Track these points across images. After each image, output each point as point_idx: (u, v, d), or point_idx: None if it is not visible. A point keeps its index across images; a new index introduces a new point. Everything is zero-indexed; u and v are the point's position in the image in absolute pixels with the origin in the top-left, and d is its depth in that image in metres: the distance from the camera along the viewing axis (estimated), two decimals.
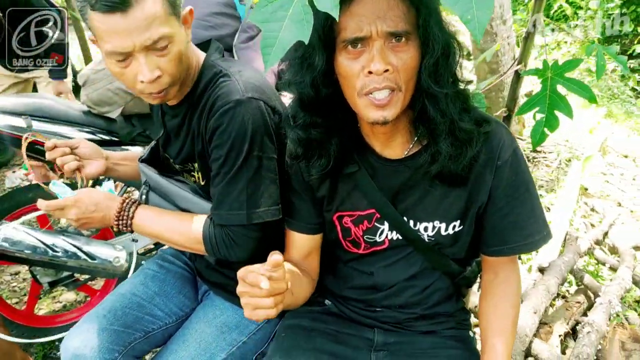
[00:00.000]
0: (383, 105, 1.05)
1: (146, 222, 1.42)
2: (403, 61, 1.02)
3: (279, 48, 0.84)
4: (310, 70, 1.09)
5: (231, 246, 1.35)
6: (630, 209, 4.02)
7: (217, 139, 1.28)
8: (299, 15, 0.82)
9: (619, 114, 6.96)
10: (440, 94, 1.05)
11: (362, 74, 1.03)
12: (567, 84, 1.37)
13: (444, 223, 1.25)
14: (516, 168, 1.20)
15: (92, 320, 1.45)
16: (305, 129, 1.19)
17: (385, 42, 1.01)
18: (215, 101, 1.29)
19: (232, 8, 2.20)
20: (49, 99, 2.40)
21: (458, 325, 1.42)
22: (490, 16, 0.78)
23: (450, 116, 1.08)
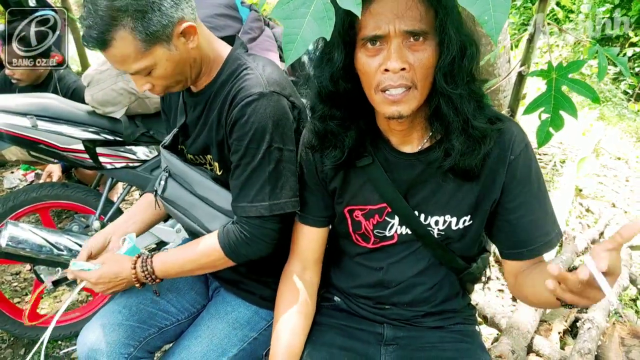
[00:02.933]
0: (398, 101, 1.08)
1: (167, 265, 1.44)
2: (419, 60, 1.05)
3: (300, 44, 0.87)
4: (330, 65, 1.13)
5: (251, 241, 1.35)
6: (624, 209, 4.08)
7: (238, 130, 1.31)
8: (321, 12, 0.85)
9: (612, 117, 7.03)
10: (454, 94, 1.08)
11: (379, 71, 1.07)
12: (572, 84, 1.40)
13: (455, 217, 1.28)
14: (529, 163, 1.21)
15: (108, 316, 1.47)
16: (323, 121, 1.23)
17: (403, 40, 1.04)
18: (237, 93, 1.32)
19: (234, 10, 2.22)
20: (53, 98, 2.41)
21: (464, 321, 1.45)
22: (507, 17, 0.81)
23: (465, 115, 1.10)
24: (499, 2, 0.79)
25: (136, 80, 1.33)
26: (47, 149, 2.32)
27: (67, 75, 3.39)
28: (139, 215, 1.68)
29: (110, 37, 1.19)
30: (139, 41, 1.21)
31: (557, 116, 1.40)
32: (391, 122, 1.20)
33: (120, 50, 1.22)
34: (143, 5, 1.19)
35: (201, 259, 1.42)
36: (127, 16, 1.18)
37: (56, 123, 2.32)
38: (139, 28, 1.20)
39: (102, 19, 1.17)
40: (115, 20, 1.18)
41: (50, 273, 2.41)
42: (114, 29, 1.19)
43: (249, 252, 1.37)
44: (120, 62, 1.26)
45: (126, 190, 2.67)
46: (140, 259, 1.45)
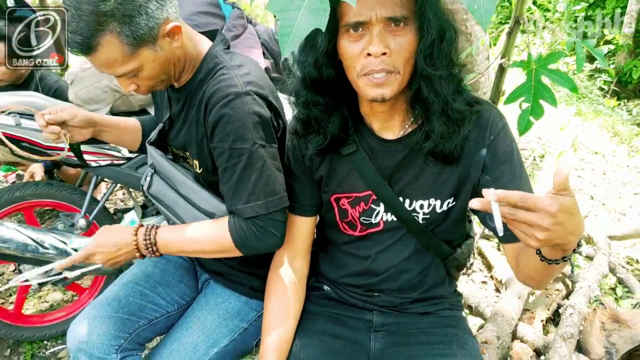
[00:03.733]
0: (381, 83, 1.12)
1: (170, 241, 1.41)
2: (400, 44, 1.09)
3: (296, 36, 0.89)
4: (314, 50, 1.17)
5: (262, 235, 1.34)
6: (602, 202, 4.17)
7: (219, 132, 1.30)
8: (315, 3, 0.87)
9: (588, 112, 7.16)
10: (434, 76, 1.12)
11: (361, 56, 1.11)
12: (551, 75, 1.44)
13: (439, 200, 1.31)
14: (509, 142, 1.24)
15: (98, 308, 1.47)
16: (307, 107, 1.27)
17: (384, 26, 1.08)
18: (212, 94, 1.32)
19: (217, 7, 2.24)
20: (37, 97, 2.39)
21: (451, 307, 1.49)
22: (495, 6, 0.84)
23: (444, 97, 1.14)
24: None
25: (122, 81, 1.32)
26: (31, 147, 2.30)
27: (48, 75, 3.36)
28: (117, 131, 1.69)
29: (96, 42, 1.18)
30: (126, 45, 1.21)
31: (537, 105, 1.44)
32: (374, 105, 1.24)
33: (106, 55, 1.21)
34: (130, 9, 1.18)
35: (210, 244, 1.40)
36: (114, 21, 1.17)
37: None
38: (126, 32, 1.19)
39: (87, 24, 1.16)
40: (101, 25, 1.16)
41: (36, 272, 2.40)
42: (100, 34, 1.17)
43: (259, 246, 1.36)
44: (106, 66, 1.25)
45: (111, 188, 2.66)
46: (144, 227, 1.42)
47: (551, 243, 0.88)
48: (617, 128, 6.60)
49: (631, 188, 4.61)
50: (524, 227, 0.85)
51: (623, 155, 5.64)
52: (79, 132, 1.56)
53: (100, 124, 1.61)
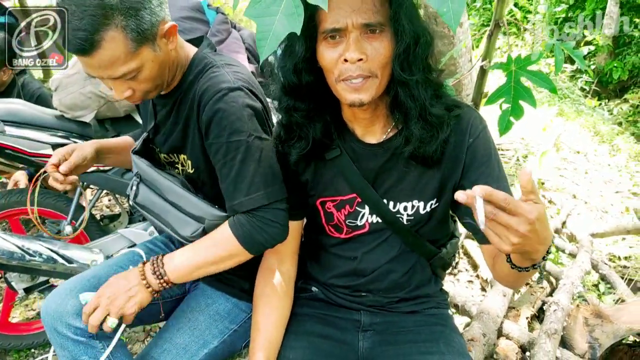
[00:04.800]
0: (358, 88, 1.14)
1: (181, 264, 1.36)
2: (377, 50, 1.12)
3: (273, 40, 0.92)
4: (292, 57, 1.19)
5: (265, 226, 1.32)
6: (585, 200, 4.24)
7: (214, 128, 1.31)
8: (291, 9, 0.90)
9: (570, 113, 7.27)
10: (410, 81, 1.15)
11: (339, 62, 1.13)
12: (530, 76, 1.48)
13: (422, 202, 1.34)
14: (488, 145, 1.27)
15: (74, 283, 1.46)
16: (288, 113, 1.29)
17: (361, 33, 1.10)
18: (205, 91, 1.33)
19: (201, 13, 2.25)
20: (20, 104, 2.39)
21: (438, 305, 1.51)
22: (463, 8, 0.87)
23: (422, 101, 1.17)
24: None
25: (117, 86, 1.29)
26: (15, 154, 2.29)
27: (31, 81, 3.35)
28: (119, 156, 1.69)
29: (100, 37, 1.16)
30: (130, 41, 1.20)
31: (517, 106, 1.47)
32: (355, 111, 1.26)
33: (109, 52, 1.19)
34: (135, 2, 1.18)
35: (217, 251, 1.36)
36: (120, 14, 1.16)
37: (24, 128, 2.30)
38: (132, 26, 1.19)
39: (92, 19, 1.14)
40: (107, 18, 1.15)
41: (22, 280, 2.39)
42: (105, 28, 1.16)
43: (263, 239, 1.33)
44: (106, 66, 1.22)
45: (97, 195, 2.66)
46: (148, 262, 1.38)
47: (522, 250, 0.89)
48: (598, 128, 6.71)
49: (612, 186, 4.70)
50: (501, 229, 0.87)
51: (604, 154, 5.74)
52: (84, 167, 1.54)
53: (102, 151, 1.61)
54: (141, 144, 1.55)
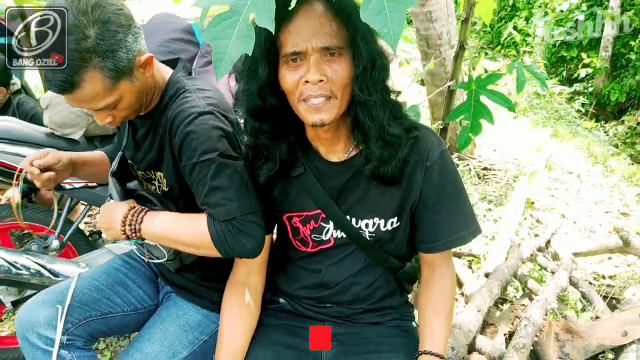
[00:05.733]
0: (319, 109, 1.20)
1: (154, 226, 1.42)
2: (336, 72, 1.18)
3: (228, 61, 0.99)
4: (256, 80, 1.25)
5: (238, 234, 1.34)
6: (573, 220, 4.27)
7: (186, 150, 1.36)
8: (243, 32, 0.98)
9: (565, 134, 7.33)
10: (368, 101, 1.20)
11: (300, 83, 1.19)
12: (489, 94, 1.54)
13: (383, 219, 1.39)
14: (444, 168, 1.34)
15: (48, 294, 1.52)
16: (254, 135, 1.35)
17: (321, 55, 1.17)
18: (176, 116, 1.39)
19: (191, 34, 2.32)
20: (12, 121, 2.47)
21: (402, 317, 1.55)
22: (402, 29, 0.94)
23: (380, 121, 1.23)
24: (395, 17, 0.92)
25: (99, 115, 1.36)
26: (5, 170, 2.36)
27: (26, 101, 3.45)
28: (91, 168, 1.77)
29: (80, 78, 1.22)
30: (108, 79, 1.26)
31: (476, 123, 1.53)
32: (318, 131, 1.31)
33: (89, 90, 1.25)
34: (111, 44, 1.24)
35: (189, 237, 1.40)
36: (97, 56, 1.22)
37: (15, 145, 2.37)
38: (109, 66, 1.25)
39: (71, 62, 1.19)
40: (85, 61, 1.21)
41: (10, 294, 2.44)
42: (84, 70, 1.21)
43: (235, 245, 1.35)
44: (87, 101, 1.29)
45: (84, 210, 2.72)
46: (135, 208, 1.46)
47: None
48: (593, 149, 6.76)
49: (603, 207, 4.73)
50: None
51: (598, 175, 5.78)
52: (61, 175, 1.62)
53: (77, 163, 1.68)
54: (117, 164, 1.60)
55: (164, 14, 2.47)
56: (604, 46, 10.27)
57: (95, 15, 1.21)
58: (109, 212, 1.48)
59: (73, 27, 1.19)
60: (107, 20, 1.23)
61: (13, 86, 3.41)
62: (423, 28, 4.55)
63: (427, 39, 4.60)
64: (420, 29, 4.57)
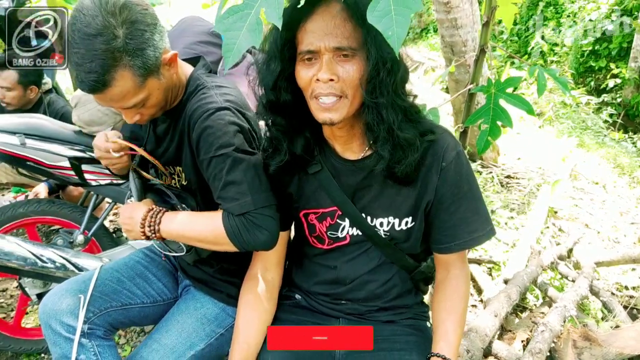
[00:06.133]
0: (329, 108, 1.23)
1: (172, 225, 1.47)
2: (347, 72, 1.20)
3: (237, 52, 1.04)
4: (269, 72, 1.29)
5: (253, 228, 1.37)
6: (597, 230, 4.21)
7: (203, 145, 1.40)
8: (253, 25, 1.02)
9: (591, 144, 7.22)
10: (377, 104, 1.22)
11: (312, 80, 1.22)
12: (508, 98, 1.54)
13: (397, 219, 1.41)
14: (459, 169, 1.36)
15: (71, 284, 1.58)
16: (267, 127, 1.39)
17: (334, 55, 1.19)
18: (194, 111, 1.43)
19: (218, 37, 2.37)
20: (42, 118, 2.54)
21: (416, 316, 1.56)
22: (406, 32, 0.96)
23: (389, 124, 1.24)
24: (400, 20, 0.94)
25: (127, 113, 1.41)
26: (34, 166, 2.43)
27: (57, 100, 3.55)
28: None
29: (111, 77, 1.27)
30: (137, 76, 1.31)
31: (494, 126, 1.54)
32: (333, 129, 1.35)
33: (120, 89, 1.30)
34: (140, 42, 1.29)
35: (206, 234, 1.44)
36: (127, 55, 1.27)
37: (44, 141, 2.44)
38: (138, 64, 1.30)
39: (103, 61, 1.24)
40: (115, 60, 1.25)
41: (35, 286, 2.50)
42: (115, 69, 1.26)
43: (250, 239, 1.38)
44: (118, 100, 1.33)
45: (110, 207, 2.79)
46: (153, 209, 1.50)
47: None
48: (620, 160, 6.64)
49: (628, 218, 4.65)
50: None
51: (624, 186, 5.68)
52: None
53: None
54: (138, 159, 1.66)
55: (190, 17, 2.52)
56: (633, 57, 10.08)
57: (124, 16, 1.26)
58: (129, 213, 1.53)
59: (103, 28, 1.23)
60: (135, 20, 1.28)
61: (44, 86, 3.51)
62: (448, 35, 4.55)
63: (452, 46, 4.60)
64: (445, 35, 4.57)
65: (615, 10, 10.39)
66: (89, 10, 1.24)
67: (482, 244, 1.46)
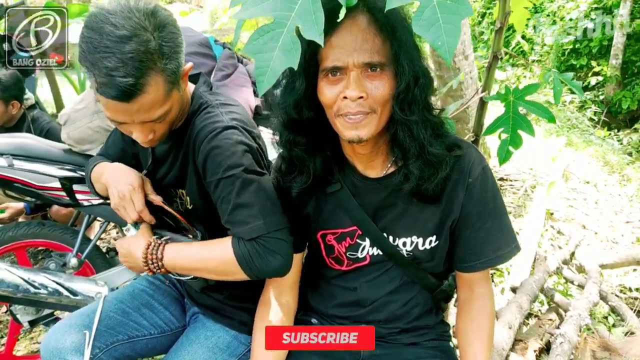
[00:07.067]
0: (357, 124, 1.15)
1: (177, 258, 1.38)
2: (377, 88, 1.13)
3: (271, 75, 0.94)
4: (293, 93, 1.21)
5: (265, 253, 1.28)
6: (595, 230, 4.19)
7: (210, 166, 1.32)
8: (288, 45, 0.92)
9: (579, 143, 7.26)
10: (408, 121, 1.16)
11: (339, 98, 1.15)
12: (528, 105, 1.49)
13: (421, 238, 1.34)
14: (485, 185, 1.30)
15: (74, 319, 1.49)
16: (288, 147, 1.30)
17: (362, 71, 1.12)
18: (200, 131, 1.35)
19: (208, 48, 2.29)
20: (29, 138, 2.44)
21: (439, 337, 1.49)
22: (457, 42, 0.89)
23: (420, 141, 1.18)
24: (449, 28, 0.87)
25: (144, 129, 1.29)
26: (23, 187, 2.32)
27: (41, 116, 3.42)
28: None
29: (146, 81, 1.17)
30: (167, 83, 1.22)
31: (515, 135, 1.48)
32: (355, 147, 1.27)
33: (152, 96, 1.20)
34: (174, 46, 1.21)
35: (214, 263, 1.35)
36: (162, 58, 1.19)
37: (32, 162, 2.34)
38: (172, 69, 1.21)
39: (140, 64, 1.15)
40: (151, 63, 1.17)
41: (27, 313, 2.39)
42: (150, 72, 1.17)
43: (263, 265, 1.29)
44: (145, 110, 1.22)
45: (103, 227, 2.68)
46: (152, 244, 1.40)
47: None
48: (608, 158, 6.68)
49: (623, 216, 4.66)
50: None
51: (614, 184, 5.70)
52: None
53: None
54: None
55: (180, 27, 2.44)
56: (614, 54, 10.19)
57: (157, 19, 1.19)
58: (126, 249, 1.45)
59: (138, 29, 1.15)
60: (167, 22, 1.21)
61: (27, 101, 3.39)
62: None
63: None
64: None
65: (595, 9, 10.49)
66: (119, 13, 1.16)
67: (508, 261, 1.39)
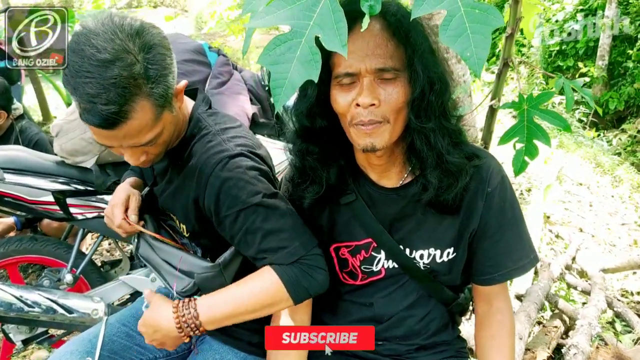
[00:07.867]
0: (371, 133, 1.11)
1: (215, 307, 1.25)
2: (390, 95, 1.09)
3: (289, 88, 0.88)
4: (305, 100, 1.18)
5: (311, 271, 1.22)
6: (592, 233, 4.18)
7: (225, 198, 1.24)
8: (307, 55, 0.87)
9: (570, 144, 7.26)
10: (425, 128, 1.12)
11: (352, 106, 1.10)
12: (543, 114, 1.44)
13: (439, 250, 1.30)
14: (504, 194, 1.26)
15: (77, 344, 1.43)
16: (301, 156, 1.26)
17: (375, 77, 1.08)
18: (204, 164, 1.26)
19: (202, 55, 2.24)
20: (20, 150, 2.36)
21: (457, 354, 1.44)
22: (487, 53, 0.84)
23: (438, 149, 1.14)
24: (479, 39, 0.82)
25: (134, 153, 1.23)
26: (15, 202, 2.25)
27: (30, 127, 3.34)
28: None
29: (131, 108, 1.10)
30: (156, 107, 1.15)
31: (531, 145, 1.44)
32: (370, 157, 1.23)
33: (139, 122, 1.13)
34: (162, 68, 1.13)
35: (260, 300, 1.24)
36: (149, 82, 1.11)
37: (23, 175, 2.26)
38: (159, 93, 1.13)
39: (123, 90, 1.07)
40: (136, 88, 1.09)
41: (20, 332, 2.32)
42: (135, 98, 1.10)
43: (310, 284, 1.22)
44: (133, 136, 1.15)
45: (97, 241, 2.60)
46: (181, 302, 1.28)
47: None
48: (599, 159, 6.70)
49: (618, 218, 4.65)
50: None
51: (607, 185, 5.71)
52: None
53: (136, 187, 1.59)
54: (146, 194, 1.52)
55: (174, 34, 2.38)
56: (600, 55, 10.26)
57: (143, 39, 1.11)
58: (152, 324, 1.31)
59: (121, 52, 1.07)
60: (154, 43, 1.13)
61: (15, 111, 3.31)
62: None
63: None
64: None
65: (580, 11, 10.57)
66: (101, 34, 1.07)
67: (527, 272, 1.35)
